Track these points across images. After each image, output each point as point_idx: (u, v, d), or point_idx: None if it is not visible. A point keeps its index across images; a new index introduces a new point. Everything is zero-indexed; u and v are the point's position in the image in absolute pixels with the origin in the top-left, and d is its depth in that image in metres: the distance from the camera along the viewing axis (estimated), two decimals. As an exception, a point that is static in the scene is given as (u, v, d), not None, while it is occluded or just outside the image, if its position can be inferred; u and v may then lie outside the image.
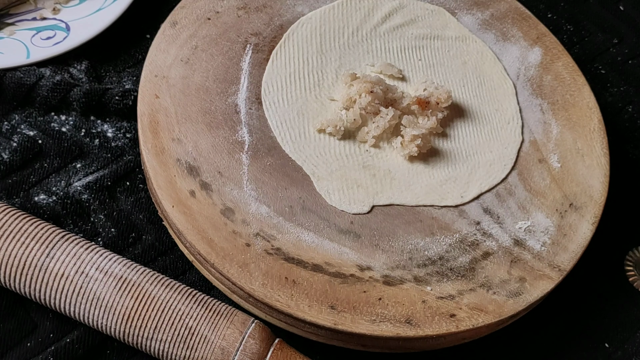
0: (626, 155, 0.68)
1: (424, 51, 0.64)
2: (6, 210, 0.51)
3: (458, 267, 0.53)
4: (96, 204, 0.58)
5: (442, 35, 0.65)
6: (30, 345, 0.52)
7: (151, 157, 0.54)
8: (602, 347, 0.57)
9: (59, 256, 0.50)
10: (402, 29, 0.64)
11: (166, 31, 0.61)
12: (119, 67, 0.66)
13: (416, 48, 0.63)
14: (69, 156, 0.60)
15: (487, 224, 0.56)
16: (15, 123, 0.61)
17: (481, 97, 0.62)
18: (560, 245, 0.55)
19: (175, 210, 0.52)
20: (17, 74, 0.62)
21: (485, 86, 0.63)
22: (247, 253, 0.51)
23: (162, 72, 0.59)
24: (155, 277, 0.51)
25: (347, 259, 0.53)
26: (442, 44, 0.64)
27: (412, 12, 0.65)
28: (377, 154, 0.58)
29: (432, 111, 0.59)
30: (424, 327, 0.50)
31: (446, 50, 0.64)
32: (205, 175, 0.54)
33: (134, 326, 0.49)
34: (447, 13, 0.66)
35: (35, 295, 0.50)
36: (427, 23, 0.65)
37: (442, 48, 0.64)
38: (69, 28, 0.66)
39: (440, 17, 0.66)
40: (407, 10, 0.65)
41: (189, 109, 0.57)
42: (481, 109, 0.61)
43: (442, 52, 0.64)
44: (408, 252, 0.54)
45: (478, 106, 0.61)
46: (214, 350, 0.48)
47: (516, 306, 0.52)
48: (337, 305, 0.50)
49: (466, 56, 0.64)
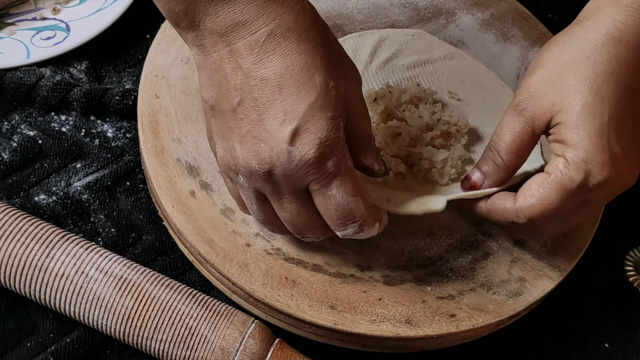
0: (626, 155, 0.68)
1: (421, 79, 0.62)
2: (6, 210, 0.51)
3: (458, 267, 0.53)
4: (96, 204, 0.58)
5: (430, 58, 0.63)
6: (30, 345, 0.52)
7: (151, 157, 0.54)
8: (602, 347, 0.57)
9: (59, 256, 0.50)
10: (392, 62, 0.61)
11: (166, 31, 0.61)
12: (119, 67, 0.66)
13: (411, 78, 0.61)
14: (69, 156, 0.60)
15: (488, 224, 0.56)
16: (16, 123, 0.61)
17: (487, 111, 0.61)
18: (560, 245, 0.55)
19: (175, 210, 0.52)
20: (17, 74, 0.62)
21: (488, 100, 0.61)
22: (247, 253, 0.51)
23: (162, 72, 0.59)
24: (155, 277, 0.51)
25: (347, 259, 0.53)
26: (434, 67, 0.62)
27: (395, 42, 0.63)
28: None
29: (454, 140, 0.57)
30: (424, 327, 0.50)
31: (440, 72, 0.62)
32: (206, 175, 0.54)
33: (134, 326, 0.49)
34: (428, 34, 0.64)
35: (35, 295, 0.50)
36: (413, 49, 0.63)
37: (436, 71, 0.62)
38: (69, 28, 0.66)
39: (423, 40, 0.64)
40: (390, 42, 0.63)
41: (189, 109, 0.57)
42: (490, 122, 0.60)
43: (438, 76, 0.62)
44: (408, 252, 0.54)
45: (488, 121, 0.60)
46: (214, 350, 0.48)
47: (516, 306, 0.52)
48: (337, 305, 0.50)
49: (461, 74, 0.63)
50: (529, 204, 0.47)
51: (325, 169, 0.43)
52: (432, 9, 0.68)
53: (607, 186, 0.47)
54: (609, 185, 0.47)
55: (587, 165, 0.46)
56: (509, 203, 0.49)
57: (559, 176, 0.46)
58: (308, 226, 0.46)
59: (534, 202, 0.47)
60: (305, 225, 0.46)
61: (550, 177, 0.47)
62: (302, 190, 0.44)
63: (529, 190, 0.47)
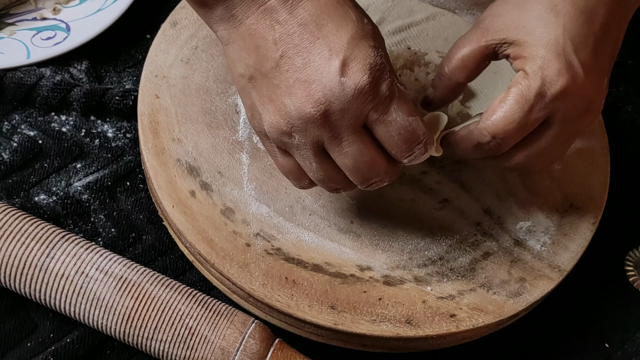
0: (626, 155, 0.68)
1: (408, 42, 0.63)
2: (6, 210, 0.51)
3: (458, 267, 0.53)
4: (96, 204, 0.58)
5: (414, 21, 0.64)
6: (30, 345, 0.52)
7: (151, 157, 0.54)
8: (602, 347, 0.57)
9: (59, 256, 0.50)
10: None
11: (166, 31, 0.61)
12: (119, 67, 0.66)
13: (399, 42, 0.63)
14: (69, 156, 0.60)
15: (488, 224, 0.56)
16: (16, 123, 0.61)
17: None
18: (560, 245, 0.55)
19: (175, 210, 0.52)
20: (17, 74, 0.62)
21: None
22: (247, 253, 0.51)
23: (163, 72, 0.59)
24: (155, 277, 0.51)
25: (347, 259, 0.53)
26: (418, 29, 0.64)
27: (377, 9, 0.64)
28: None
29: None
30: (424, 327, 0.50)
31: (425, 34, 0.63)
32: (206, 175, 0.54)
33: (134, 326, 0.49)
34: None
35: (35, 296, 0.50)
36: (396, 15, 0.64)
37: (421, 33, 0.63)
38: (69, 28, 0.66)
39: (404, 4, 0.65)
40: (372, 10, 0.64)
41: (189, 109, 0.57)
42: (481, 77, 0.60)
43: (424, 37, 0.63)
44: (408, 252, 0.54)
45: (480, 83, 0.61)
46: (214, 350, 0.48)
47: (516, 306, 0.52)
48: (337, 305, 0.50)
49: (444, 32, 0.64)
50: (491, 120, 0.47)
51: (381, 93, 0.43)
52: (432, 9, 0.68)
53: (566, 98, 0.46)
54: (569, 98, 0.46)
55: (543, 72, 0.46)
56: (473, 126, 0.49)
57: (518, 88, 0.47)
58: (372, 167, 0.46)
59: (495, 116, 0.47)
60: (369, 167, 0.45)
61: (510, 90, 0.47)
62: (360, 126, 0.44)
63: (491, 109, 0.48)
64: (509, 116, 0.46)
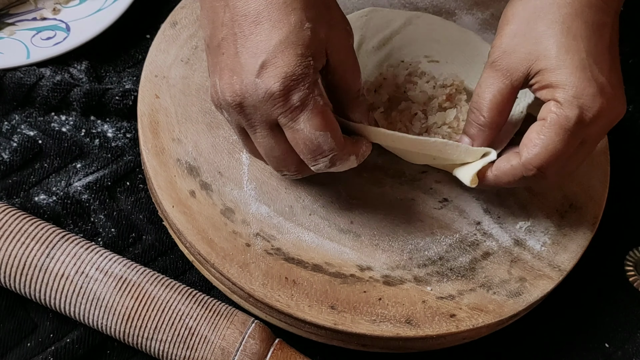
0: (626, 155, 0.67)
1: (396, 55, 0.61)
2: (6, 210, 0.51)
3: (458, 267, 0.53)
4: (96, 204, 0.58)
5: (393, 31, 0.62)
6: (30, 345, 0.52)
7: (151, 157, 0.54)
8: (602, 347, 0.57)
9: (59, 256, 0.50)
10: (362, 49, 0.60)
11: (166, 31, 0.61)
12: (119, 67, 0.66)
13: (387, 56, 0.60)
14: (69, 156, 0.60)
15: (487, 224, 0.56)
16: (16, 123, 0.61)
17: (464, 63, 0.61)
18: (560, 245, 0.55)
19: (175, 210, 0.52)
20: (17, 74, 0.62)
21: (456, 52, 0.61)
22: (247, 253, 0.51)
23: (162, 72, 0.59)
24: (155, 277, 0.51)
25: (347, 259, 0.53)
26: (400, 38, 0.61)
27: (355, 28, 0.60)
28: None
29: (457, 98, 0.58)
30: (424, 327, 0.50)
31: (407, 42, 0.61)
32: (206, 175, 0.54)
33: (134, 326, 0.49)
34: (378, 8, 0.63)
35: (35, 296, 0.50)
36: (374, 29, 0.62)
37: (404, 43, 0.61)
38: (69, 28, 0.66)
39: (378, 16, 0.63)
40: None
41: (189, 109, 0.57)
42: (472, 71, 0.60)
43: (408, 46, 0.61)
44: (408, 252, 0.54)
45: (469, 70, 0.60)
46: (214, 350, 0.48)
47: (516, 306, 0.52)
48: (337, 305, 0.50)
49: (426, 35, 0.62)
50: (534, 153, 0.47)
51: (291, 102, 0.44)
52: (432, 9, 0.68)
53: (602, 118, 0.47)
54: (604, 117, 0.47)
55: (579, 100, 0.46)
56: (514, 160, 0.49)
57: (554, 118, 0.47)
58: (282, 161, 0.48)
59: (538, 150, 0.47)
60: (279, 160, 0.48)
61: (546, 121, 0.47)
62: (273, 124, 0.46)
63: (530, 141, 0.48)
64: (551, 149, 0.47)
